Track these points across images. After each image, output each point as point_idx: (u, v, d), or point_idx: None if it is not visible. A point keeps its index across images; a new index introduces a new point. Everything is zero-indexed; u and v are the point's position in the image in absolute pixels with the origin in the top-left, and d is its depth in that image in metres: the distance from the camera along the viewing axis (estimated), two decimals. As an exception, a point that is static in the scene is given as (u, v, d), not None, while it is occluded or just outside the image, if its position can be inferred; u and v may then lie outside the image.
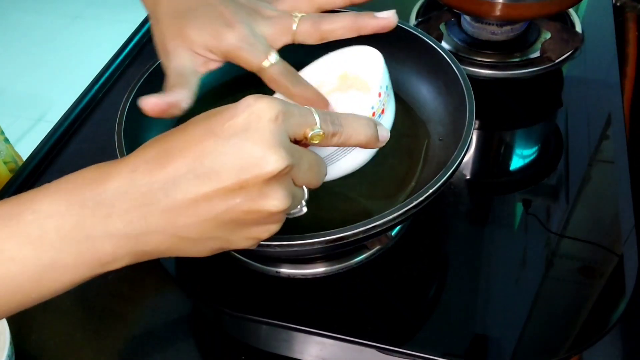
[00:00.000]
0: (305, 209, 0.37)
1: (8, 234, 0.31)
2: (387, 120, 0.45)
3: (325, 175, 0.38)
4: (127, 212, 0.31)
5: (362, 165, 0.45)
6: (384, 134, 0.40)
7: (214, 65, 0.46)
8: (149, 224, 0.32)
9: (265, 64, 0.44)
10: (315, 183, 0.36)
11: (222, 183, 0.31)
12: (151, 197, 0.31)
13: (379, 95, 0.43)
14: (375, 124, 0.38)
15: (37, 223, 0.31)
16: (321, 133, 0.34)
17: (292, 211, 0.37)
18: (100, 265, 0.33)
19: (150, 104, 0.43)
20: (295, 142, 0.34)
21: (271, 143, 0.31)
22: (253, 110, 0.32)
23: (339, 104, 0.48)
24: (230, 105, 0.33)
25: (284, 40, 0.46)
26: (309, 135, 0.34)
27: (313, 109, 0.35)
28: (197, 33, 0.44)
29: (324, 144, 0.36)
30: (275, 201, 0.32)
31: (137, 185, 0.31)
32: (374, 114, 0.43)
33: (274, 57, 0.44)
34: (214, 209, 0.31)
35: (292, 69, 0.45)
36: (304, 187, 0.36)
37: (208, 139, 0.31)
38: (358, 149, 0.43)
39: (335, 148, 0.41)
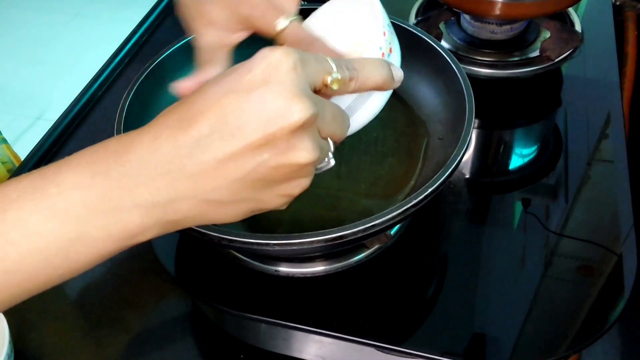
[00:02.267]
0: (332, 162, 0.36)
1: (32, 207, 0.30)
2: (396, 59, 0.44)
3: (349, 126, 0.37)
4: (154, 181, 0.30)
5: (379, 111, 0.44)
6: (398, 73, 0.39)
7: (240, 36, 0.46)
8: (177, 190, 0.31)
9: (279, 27, 0.43)
10: (340, 134, 0.36)
11: (248, 139, 0.30)
12: (177, 163, 0.30)
13: (384, 34, 0.42)
14: (388, 64, 0.38)
15: (61, 196, 0.30)
16: (339, 78, 0.33)
17: (319, 165, 0.36)
18: (129, 237, 0.32)
19: (183, 87, 0.43)
20: (315, 92, 0.34)
21: (294, 92, 0.30)
22: (270, 61, 0.31)
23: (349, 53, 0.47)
24: (245, 61, 0.32)
25: None
26: (328, 81, 0.33)
27: (328, 57, 0.34)
28: (214, 8, 0.44)
29: (342, 90, 0.35)
30: (304, 152, 0.31)
31: (161, 152, 0.30)
32: (383, 54, 0.42)
33: (282, 23, 0.43)
34: (243, 167, 0.31)
35: (305, 33, 0.44)
36: (329, 139, 0.35)
37: (228, 97, 0.30)
38: (373, 96, 0.42)
39: (353, 97, 0.41)
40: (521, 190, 0.62)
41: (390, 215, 0.42)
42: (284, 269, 0.53)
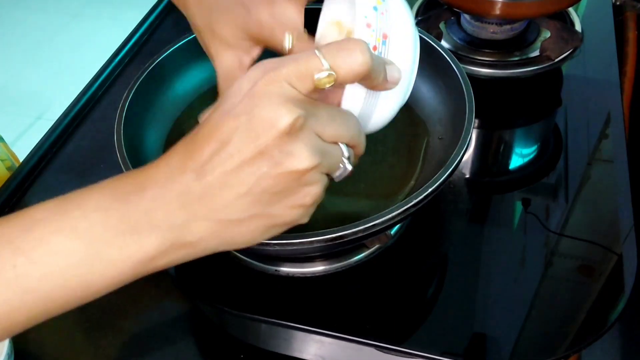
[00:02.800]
0: (349, 167, 0.36)
1: (56, 228, 0.31)
2: (397, 45, 0.39)
3: (358, 128, 0.36)
4: (168, 204, 0.32)
5: (397, 110, 0.42)
6: (391, 68, 0.37)
7: (256, 53, 0.46)
8: (188, 212, 0.32)
9: (286, 46, 0.43)
10: (347, 136, 0.35)
11: (244, 155, 0.31)
12: (185, 186, 0.32)
13: (368, 25, 0.37)
14: (365, 51, 0.33)
15: (83, 217, 0.32)
16: (323, 75, 0.32)
17: (336, 173, 0.36)
18: (147, 259, 0.33)
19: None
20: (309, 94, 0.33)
21: (276, 101, 0.31)
22: (250, 78, 0.32)
23: None
24: (238, 80, 0.33)
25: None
26: (313, 77, 0.32)
27: (319, 53, 0.32)
28: (226, 29, 0.45)
29: (337, 85, 0.34)
30: (300, 158, 0.31)
31: (173, 179, 0.32)
32: (374, 48, 0.38)
33: (288, 43, 0.43)
34: (245, 183, 0.32)
35: (312, 46, 0.44)
36: (341, 144, 0.35)
37: (224, 120, 0.32)
38: (384, 96, 0.39)
39: (363, 100, 0.38)
40: (521, 190, 0.62)
41: (390, 215, 0.42)
42: (284, 268, 0.53)
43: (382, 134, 0.57)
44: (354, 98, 0.38)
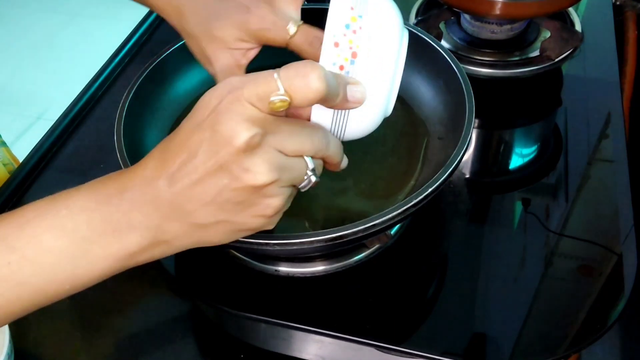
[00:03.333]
0: (314, 179, 0.37)
1: (46, 227, 0.34)
2: (369, 63, 0.37)
3: (326, 141, 0.37)
4: (144, 206, 0.35)
5: (378, 121, 0.41)
6: (353, 88, 0.36)
7: (253, 53, 0.48)
8: (162, 214, 0.35)
9: (290, 33, 0.45)
10: (311, 149, 0.36)
11: (207, 168, 0.33)
12: (158, 191, 0.34)
13: (335, 45, 0.36)
14: (320, 77, 0.33)
15: (70, 217, 0.35)
16: (276, 100, 0.33)
17: (301, 184, 0.37)
18: (128, 255, 0.36)
19: None
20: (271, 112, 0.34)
21: (237, 119, 0.33)
22: (216, 94, 0.34)
23: None
24: (210, 90, 0.35)
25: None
26: (269, 99, 0.33)
27: (277, 76, 0.33)
28: (224, 30, 0.46)
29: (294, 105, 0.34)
30: (257, 174, 0.33)
31: (148, 185, 0.35)
32: (341, 67, 0.37)
33: (292, 29, 0.44)
34: (208, 193, 0.34)
35: (316, 31, 0.45)
36: (306, 157, 0.36)
37: (194, 133, 0.34)
38: (356, 111, 0.39)
39: (331, 117, 0.39)
40: (521, 190, 0.62)
41: (390, 215, 0.42)
42: (284, 268, 0.53)
43: (382, 134, 0.57)
44: (320, 115, 0.38)
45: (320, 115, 0.38)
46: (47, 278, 0.35)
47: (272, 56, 0.48)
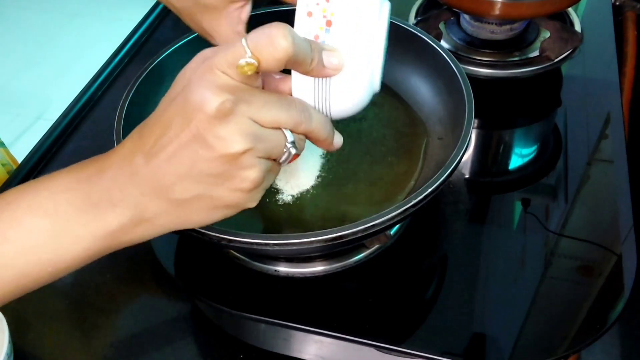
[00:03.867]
0: (294, 151, 0.36)
1: (26, 208, 0.35)
2: (346, 31, 0.37)
3: (306, 114, 0.37)
4: (124, 184, 0.35)
5: (367, 96, 0.40)
6: (329, 54, 0.36)
7: (246, 13, 0.48)
8: (141, 191, 0.35)
9: None
10: (288, 121, 0.36)
11: (181, 140, 0.33)
12: (136, 167, 0.35)
13: (309, 14, 0.37)
14: (286, 36, 0.32)
15: (50, 197, 0.35)
16: (243, 63, 0.32)
17: (281, 158, 0.36)
18: (109, 234, 0.36)
19: None
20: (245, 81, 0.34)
21: (207, 87, 0.33)
22: (190, 66, 0.34)
23: None
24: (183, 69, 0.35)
25: None
26: (237, 64, 0.33)
27: (245, 40, 0.33)
28: None
29: (263, 70, 0.34)
30: (230, 142, 0.33)
31: (127, 162, 0.35)
32: (316, 37, 0.37)
33: None
34: (184, 164, 0.34)
35: None
36: (284, 129, 0.36)
37: (168, 107, 0.34)
38: (338, 82, 0.38)
39: (312, 88, 0.38)
40: (521, 190, 0.62)
41: (389, 215, 0.42)
42: (284, 269, 0.53)
43: (381, 134, 0.57)
44: (300, 87, 0.38)
45: (301, 87, 0.38)
46: (30, 259, 0.35)
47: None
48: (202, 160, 0.33)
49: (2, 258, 0.34)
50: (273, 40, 0.32)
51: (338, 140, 0.40)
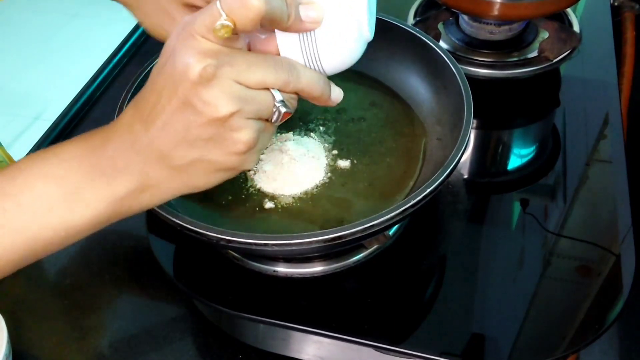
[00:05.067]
0: (283, 109, 0.37)
1: (37, 174, 0.36)
2: None
3: (295, 73, 0.37)
4: (126, 152, 0.36)
5: (359, 47, 0.40)
6: (306, 7, 0.36)
7: None
8: (143, 158, 0.36)
9: None
10: (276, 81, 0.36)
11: (172, 106, 0.34)
12: (136, 136, 0.36)
13: None
14: None
15: (60, 164, 0.36)
16: (218, 26, 0.33)
17: (272, 117, 0.37)
18: (118, 200, 0.37)
19: None
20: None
21: (189, 53, 0.33)
22: (174, 34, 0.35)
23: None
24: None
25: None
26: (213, 27, 0.33)
27: (219, 3, 0.33)
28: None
29: (240, 31, 0.34)
30: (217, 106, 0.34)
31: (128, 133, 0.37)
32: None
33: None
34: (178, 131, 0.35)
35: None
36: (272, 89, 0.36)
37: (158, 76, 0.35)
38: (324, 36, 0.37)
39: (298, 45, 0.38)
40: (519, 190, 0.62)
41: (388, 216, 0.42)
42: (283, 269, 0.53)
43: (380, 135, 0.57)
44: (286, 45, 0.38)
45: (286, 45, 0.38)
46: (42, 224, 0.36)
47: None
48: (194, 126, 0.34)
49: (15, 222, 0.35)
50: (245, 1, 0.32)
51: (337, 94, 0.40)
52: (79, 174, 0.36)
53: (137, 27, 0.83)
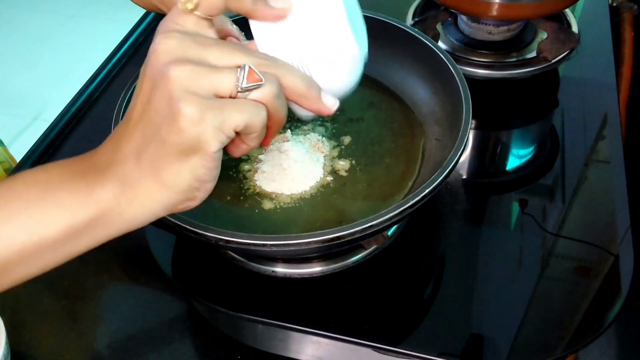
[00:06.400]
0: (247, 79, 0.34)
1: (19, 178, 0.36)
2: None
3: (261, 56, 0.36)
4: (109, 153, 0.36)
5: (350, 82, 0.40)
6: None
7: None
8: (120, 155, 0.35)
9: None
10: (244, 57, 0.35)
11: (142, 89, 0.35)
12: (117, 132, 0.36)
13: None
14: None
15: (44, 170, 0.36)
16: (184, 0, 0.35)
17: (245, 84, 0.34)
18: (98, 203, 0.35)
19: None
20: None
21: (159, 32, 0.35)
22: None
23: None
24: None
25: None
26: (179, 3, 0.35)
27: None
28: None
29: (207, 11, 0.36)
30: (161, 53, 0.33)
31: (114, 132, 0.37)
32: None
33: None
34: (140, 113, 0.35)
35: None
36: (246, 66, 0.34)
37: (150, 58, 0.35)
38: (319, 65, 0.38)
39: (280, 43, 0.37)
40: (518, 191, 0.62)
41: (387, 216, 0.42)
42: (281, 269, 0.53)
43: (379, 135, 0.57)
44: (263, 37, 0.37)
45: (264, 38, 0.37)
46: (17, 224, 0.35)
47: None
48: (151, 101, 0.34)
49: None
50: None
51: (331, 102, 0.38)
52: (60, 178, 0.36)
53: (136, 27, 0.83)
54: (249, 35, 0.40)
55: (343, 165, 0.55)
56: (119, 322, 0.52)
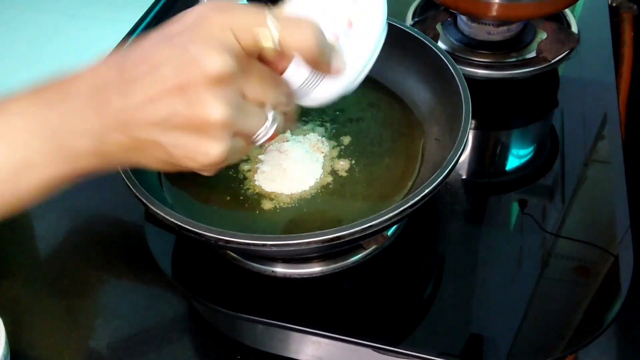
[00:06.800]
0: (272, 131, 0.36)
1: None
2: (358, 36, 0.39)
3: (286, 94, 0.37)
4: (86, 110, 0.32)
5: (338, 96, 0.41)
6: (337, 58, 0.37)
7: None
8: (105, 122, 0.32)
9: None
10: (274, 99, 0.35)
11: (165, 86, 0.31)
12: (108, 100, 0.32)
13: (334, 10, 0.38)
14: (316, 30, 0.34)
15: (7, 123, 0.32)
16: (268, 34, 0.32)
17: (258, 133, 0.35)
18: (69, 162, 0.33)
19: None
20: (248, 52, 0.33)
21: (214, 45, 0.31)
22: (200, 10, 0.32)
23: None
24: (187, 11, 0.33)
25: None
26: (256, 34, 0.32)
27: (271, 17, 0.32)
28: None
29: (275, 47, 0.33)
30: (214, 108, 0.31)
31: (95, 85, 0.33)
32: (336, 35, 0.38)
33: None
34: (159, 113, 0.32)
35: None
36: (268, 109, 0.35)
37: (162, 47, 0.32)
38: (328, 80, 0.39)
39: (305, 77, 0.38)
40: (518, 191, 0.62)
41: (387, 216, 0.42)
42: (281, 269, 0.53)
43: (379, 135, 0.57)
44: (297, 71, 0.37)
45: (296, 72, 0.37)
46: None
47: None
48: (177, 116, 0.32)
49: None
50: (303, 29, 0.32)
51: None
52: (28, 134, 0.32)
53: (136, 27, 0.83)
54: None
55: (343, 165, 0.55)
56: (118, 321, 0.52)
